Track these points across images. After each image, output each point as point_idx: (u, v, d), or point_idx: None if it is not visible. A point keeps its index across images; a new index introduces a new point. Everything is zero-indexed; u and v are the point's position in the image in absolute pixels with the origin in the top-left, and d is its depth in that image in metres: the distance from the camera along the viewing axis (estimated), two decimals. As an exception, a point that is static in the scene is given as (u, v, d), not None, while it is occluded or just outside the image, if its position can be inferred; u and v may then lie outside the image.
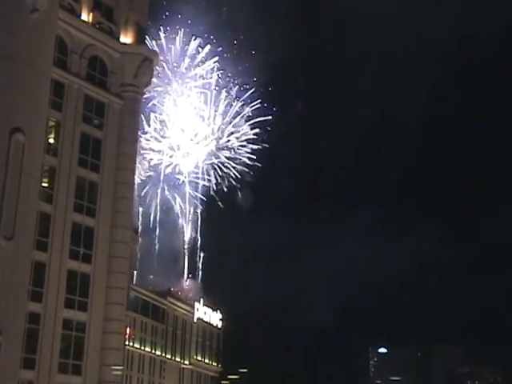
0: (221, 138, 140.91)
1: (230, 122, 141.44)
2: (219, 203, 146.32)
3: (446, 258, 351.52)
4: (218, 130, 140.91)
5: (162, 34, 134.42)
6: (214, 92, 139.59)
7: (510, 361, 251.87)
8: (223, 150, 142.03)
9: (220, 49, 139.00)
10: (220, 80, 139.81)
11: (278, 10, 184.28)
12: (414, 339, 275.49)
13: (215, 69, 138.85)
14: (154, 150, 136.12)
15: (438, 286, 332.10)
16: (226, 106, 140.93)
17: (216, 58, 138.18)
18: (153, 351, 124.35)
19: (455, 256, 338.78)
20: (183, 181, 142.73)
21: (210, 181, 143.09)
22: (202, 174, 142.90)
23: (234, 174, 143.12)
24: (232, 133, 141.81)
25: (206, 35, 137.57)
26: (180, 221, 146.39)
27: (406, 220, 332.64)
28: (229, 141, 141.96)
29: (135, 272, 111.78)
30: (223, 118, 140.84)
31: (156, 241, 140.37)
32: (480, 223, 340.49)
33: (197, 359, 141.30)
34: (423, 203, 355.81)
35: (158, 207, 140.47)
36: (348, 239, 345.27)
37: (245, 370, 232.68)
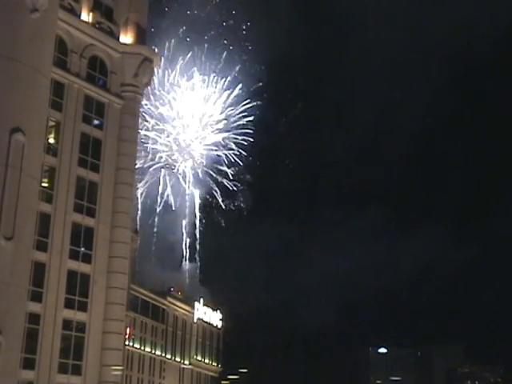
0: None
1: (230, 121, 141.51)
2: (219, 203, 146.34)
3: (446, 258, 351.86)
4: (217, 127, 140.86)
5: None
6: (214, 92, 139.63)
7: (510, 361, 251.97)
8: (223, 147, 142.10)
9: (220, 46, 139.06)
10: (220, 79, 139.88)
11: (278, 9, 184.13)
12: (414, 339, 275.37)
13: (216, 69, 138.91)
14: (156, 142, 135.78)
15: (438, 286, 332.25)
16: (224, 106, 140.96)
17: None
18: (153, 351, 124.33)
19: (455, 256, 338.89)
20: (184, 178, 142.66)
21: (209, 181, 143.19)
22: (202, 173, 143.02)
23: (233, 174, 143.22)
24: (229, 131, 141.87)
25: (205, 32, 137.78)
26: (180, 219, 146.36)
27: (407, 221, 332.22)
28: (228, 139, 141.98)
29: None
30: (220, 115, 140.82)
31: (154, 238, 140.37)
32: (481, 224, 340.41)
33: (197, 359, 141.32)
34: (423, 204, 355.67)
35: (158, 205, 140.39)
36: (348, 239, 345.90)
37: (245, 370, 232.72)
